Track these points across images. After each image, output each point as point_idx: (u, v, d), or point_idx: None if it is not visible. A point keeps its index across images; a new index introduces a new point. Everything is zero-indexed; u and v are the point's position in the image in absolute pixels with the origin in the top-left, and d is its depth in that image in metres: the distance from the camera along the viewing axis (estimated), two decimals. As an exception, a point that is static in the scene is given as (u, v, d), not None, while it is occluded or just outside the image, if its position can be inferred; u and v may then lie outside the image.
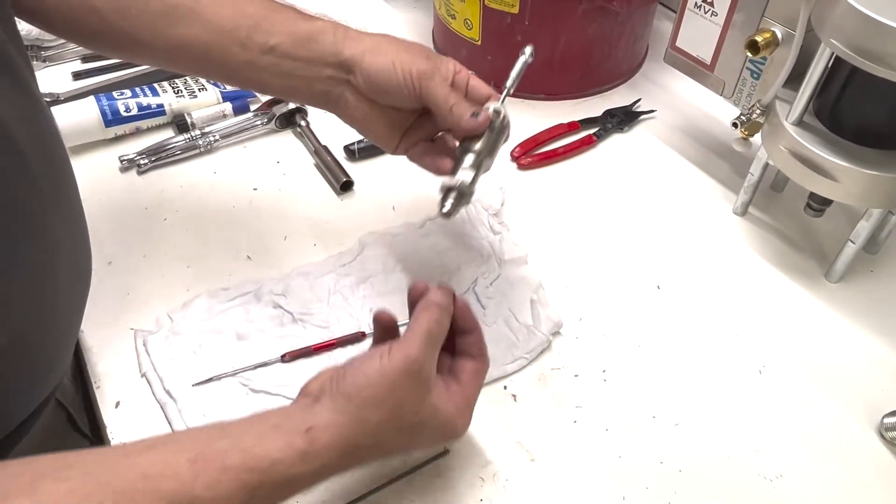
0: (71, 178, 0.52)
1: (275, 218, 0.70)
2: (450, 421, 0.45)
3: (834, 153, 0.57)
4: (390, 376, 0.41)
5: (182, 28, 0.52)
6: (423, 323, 0.44)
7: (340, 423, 0.40)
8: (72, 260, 0.50)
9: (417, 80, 0.51)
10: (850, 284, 0.65)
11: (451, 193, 0.52)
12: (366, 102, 0.54)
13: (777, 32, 0.61)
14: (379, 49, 0.52)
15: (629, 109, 0.82)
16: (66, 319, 0.51)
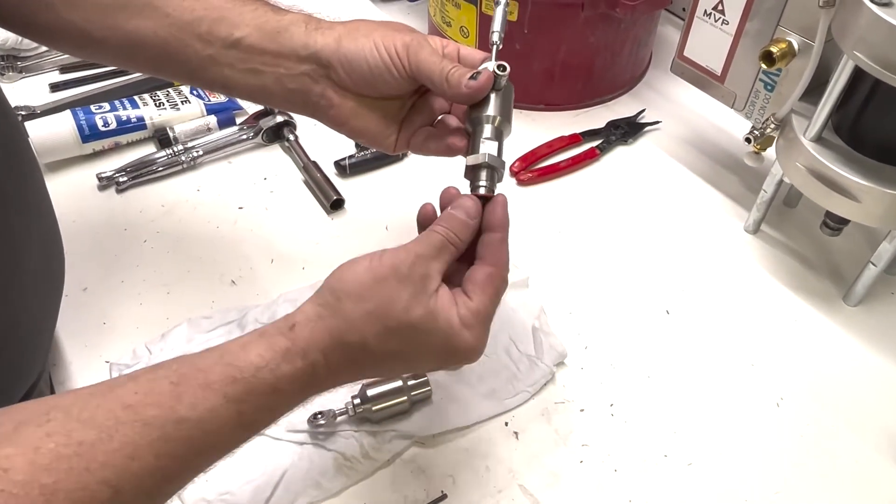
0: (38, 179, 0.50)
1: (261, 239, 0.67)
2: (452, 332, 0.40)
3: (855, 171, 0.54)
4: (378, 272, 0.39)
5: (137, 21, 0.48)
6: (431, 232, 0.41)
7: (322, 315, 0.39)
8: (40, 261, 0.48)
9: (404, 53, 0.46)
10: (869, 308, 0.62)
11: (482, 171, 0.45)
12: (351, 98, 0.49)
13: (794, 43, 0.57)
14: (355, 33, 0.47)
15: (633, 120, 0.79)
16: (35, 320, 0.49)
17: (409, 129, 0.51)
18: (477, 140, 0.46)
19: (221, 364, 0.36)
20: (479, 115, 0.46)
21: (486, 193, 0.44)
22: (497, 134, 0.46)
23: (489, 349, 0.57)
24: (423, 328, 0.39)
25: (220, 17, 0.48)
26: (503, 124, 0.46)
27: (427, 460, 0.51)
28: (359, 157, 0.73)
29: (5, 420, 0.32)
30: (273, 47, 0.48)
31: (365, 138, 0.51)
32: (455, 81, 0.45)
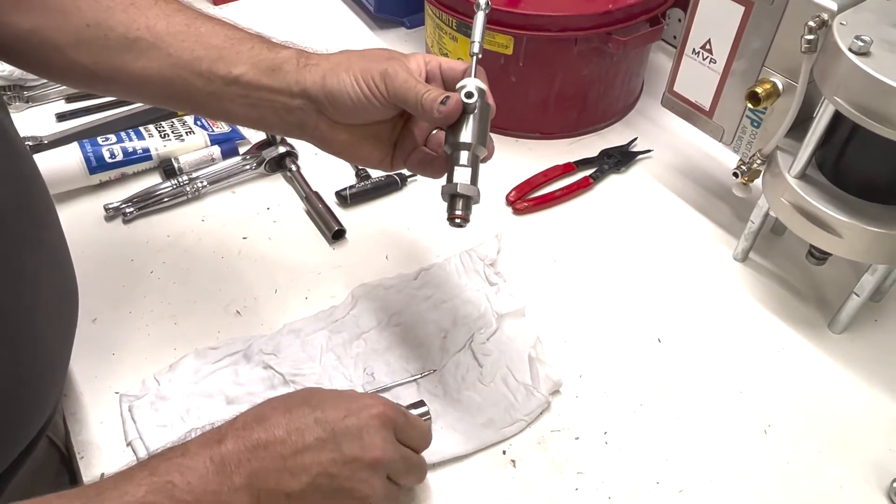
0: (52, 217, 0.51)
1: (265, 269, 0.68)
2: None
3: (837, 208, 0.56)
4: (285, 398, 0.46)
5: (143, 62, 0.50)
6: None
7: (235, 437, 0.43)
8: (55, 297, 0.49)
9: (381, 83, 0.48)
10: (854, 335, 0.64)
11: (458, 200, 0.46)
12: (342, 130, 0.51)
13: (778, 83, 0.59)
14: (337, 68, 0.49)
15: (626, 149, 0.81)
16: (50, 358, 0.50)
17: (404, 150, 0.54)
18: (452, 167, 0.47)
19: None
20: (455, 139, 0.47)
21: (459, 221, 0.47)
22: (472, 160, 0.47)
23: (487, 378, 0.59)
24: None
25: (219, 56, 0.50)
26: (478, 148, 0.47)
27: (427, 488, 0.53)
28: (359, 188, 0.75)
29: None
30: (269, 83, 0.50)
31: (361, 163, 0.55)
32: (428, 107, 0.46)
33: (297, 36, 0.57)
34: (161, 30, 0.50)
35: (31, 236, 0.47)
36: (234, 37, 0.51)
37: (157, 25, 0.50)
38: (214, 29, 0.51)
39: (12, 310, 0.44)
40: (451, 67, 0.50)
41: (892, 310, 0.66)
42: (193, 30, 0.51)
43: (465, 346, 0.61)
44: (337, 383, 0.59)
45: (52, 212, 0.51)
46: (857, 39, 0.48)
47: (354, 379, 0.59)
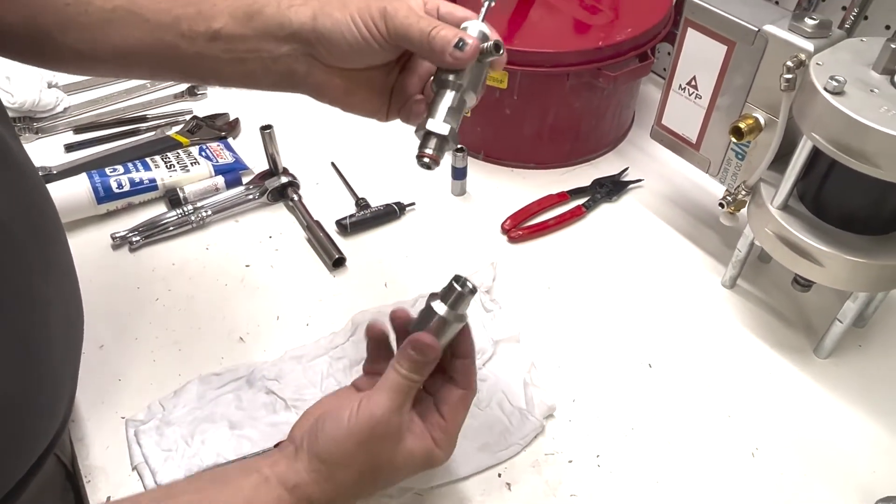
0: (62, 242, 0.53)
1: (267, 296, 0.70)
2: (428, 456, 0.47)
3: (818, 239, 0.58)
4: (356, 436, 0.45)
5: (125, 32, 0.49)
6: (392, 376, 0.46)
7: (316, 480, 0.45)
8: (64, 323, 0.51)
9: (381, 22, 0.45)
10: (839, 360, 0.66)
11: (431, 139, 0.44)
12: (338, 74, 0.49)
13: (760, 119, 0.62)
14: (328, 8, 0.46)
15: (617, 179, 0.84)
16: (59, 380, 0.51)
17: (400, 98, 0.52)
18: (436, 105, 0.45)
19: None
20: (446, 78, 0.45)
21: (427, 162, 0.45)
22: (458, 102, 0.45)
23: (483, 403, 0.61)
24: (404, 465, 0.47)
25: (197, 12, 0.48)
26: (467, 93, 0.45)
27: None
28: (359, 217, 0.77)
29: None
30: (250, 33, 0.48)
31: (356, 111, 0.52)
32: (439, 46, 0.44)
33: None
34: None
35: (43, 265, 0.48)
36: None
37: None
38: None
39: (27, 331, 0.45)
40: (449, 12, 0.47)
41: (875, 336, 0.68)
42: None
43: (462, 372, 0.63)
44: (337, 408, 0.60)
45: (63, 237, 0.53)
46: (831, 79, 0.51)
47: (354, 404, 0.61)
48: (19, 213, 0.45)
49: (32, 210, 0.48)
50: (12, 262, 0.44)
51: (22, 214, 0.45)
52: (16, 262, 0.44)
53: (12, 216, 0.44)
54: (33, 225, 0.47)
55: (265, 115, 0.84)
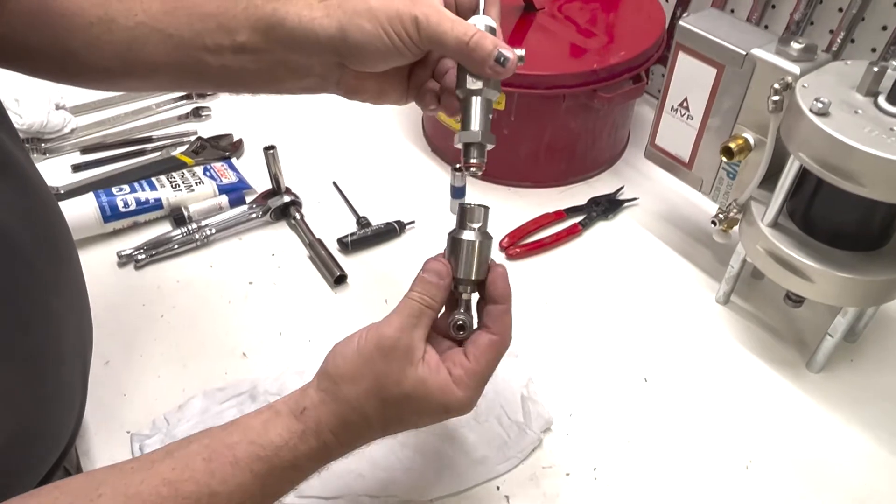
0: (75, 261, 0.54)
1: (270, 313, 0.72)
2: (444, 393, 0.45)
3: (808, 255, 0.60)
4: (365, 354, 0.44)
5: (149, 49, 0.50)
6: (404, 300, 0.46)
7: (325, 400, 0.44)
8: (76, 338, 0.53)
9: (414, 29, 0.45)
10: (831, 375, 0.67)
11: (473, 148, 0.47)
12: (368, 77, 0.50)
13: (750, 139, 0.64)
14: (357, 18, 0.45)
15: (613, 197, 0.85)
16: (70, 393, 0.53)
17: (416, 82, 0.52)
18: (468, 115, 0.47)
19: (246, 442, 0.42)
20: (474, 87, 0.46)
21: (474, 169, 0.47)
22: (486, 105, 0.47)
23: (482, 417, 0.62)
24: (416, 395, 0.44)
25: (217, 25, 0.49)
26: (490, 92, 0.47)
27: (425, 524, 0.56)
28: (360, 235, 0.79)
29: (61, 496, 0.38)
30: (274, 45, 0.48)
31: (384, 103, 0.53)
32: (479, 57, 0.44)
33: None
34: (157, 10, 0.50)
35: (56, 281, 0.50)
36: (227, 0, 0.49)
37: (152, 7, 0.50)
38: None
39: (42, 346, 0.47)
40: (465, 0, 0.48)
41: (867, 351, 0.69)
42: (187, 4, 0.50)
43: (461, 386, 0.64)
44: (338, 422, 0.61)
45: (75, 255, 0.55)
46: (816, 101, 0.53)
47: (355, 418, 0.62)
48: (34, 233, 0.47)
49: (46, 229, 0.50)
50: (27, 278, 0.45)
51: (37, 234, 0.47)
52: (30, 279, 0.46)
53: (27, 236, 0.45)
54: (47, 243, 0.49)
55: (268, 136, 0.86)
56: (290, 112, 0.98)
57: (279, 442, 0.42)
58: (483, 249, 0.48)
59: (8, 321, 0.43)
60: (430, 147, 0.94)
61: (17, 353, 0.44)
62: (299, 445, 0.42)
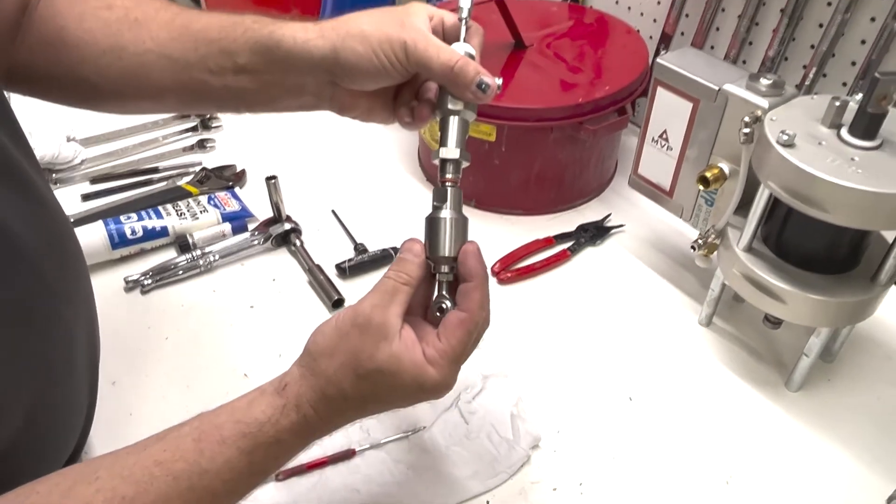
0: (85, 276, 0.57)
1: (270, 335, 0.75)
2: (417, 370, 0.45)
3: (781, 278, 0.63)
4: (342, 330, 0.46)
5: (157, 73, 0.54)
6: (384, 279, 0.47)
7: (304, 374, 0.46)
8: (86, 348, 0.55)
9: (403, 53, 0.48)
10: (809, 394, 0.70)
11: (449, 164, 0.49)
12: (359, 95, 0.53)
13: (724, 168, 0.68)
14: (349, 41, 0.49)
15: (600, 224, 0.89)
16: (81, 399, 0.55)
17: (401, 103, 0.55)
18: (447, 134, 0.50)
19: (233, 421, 0.44)
20: (453, 108, 0.50)
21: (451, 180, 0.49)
22: (463, 126, 0.50)
23: (473, 434, 0.65)
24: (389, 370, 0.44)
25: (220, 49, 0.52)
26: (469, 115, 0.51)
27: (417, 536, 0.58)
28: (357, 261, 0.82)
29: (62, 480, 0.41)
30: (272, 66, 0.51)
31: (373, 121, 0.56)
32: (462, 82, 0.48)
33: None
34: (164, 38, 0.53)
35: (67, 289, 0.53)
36: (228, 24, 0.53)
37: (160, 35, 0.53)
38: (210, 23, 0.54)
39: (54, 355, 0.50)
40: (454, 24, 0.52)
41: (843, 370, 0.72)
42: (192, 30, 0.53)
43: (453, 405, 0.67)
44: (336, 440, 0.64)
45: (85, 270, 0.58)
46: (782, 133, 0.57)
47: (352, 435, 0.64)
48: (48, 246, 0.50)
49: (59, 244, 0.53)
50: (39, 286, 0.48)
51: (50, 247, 0.50)
52: (42, 287, 0.49)
53: (42, 249, 0.48)
54: (59, 257, 0.52)
55: (270, 167, 0.90)
56: (292, 143, 1.02)
57: (262, 418, 0.44)
58: (453, 226, 0.49)
59: (21, 325, 0.46)
60: (426, 177, 0.98)
61: (29, 357, 0.47)
62: (281, 420, 0.44)
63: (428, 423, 0.65)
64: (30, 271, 0.47)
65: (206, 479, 0.42)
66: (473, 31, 0.52)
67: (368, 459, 0.63)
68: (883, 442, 0.65)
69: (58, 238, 0.53)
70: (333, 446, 0.63)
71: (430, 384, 0.45)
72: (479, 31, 0.53)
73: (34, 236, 0.48)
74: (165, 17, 0.55)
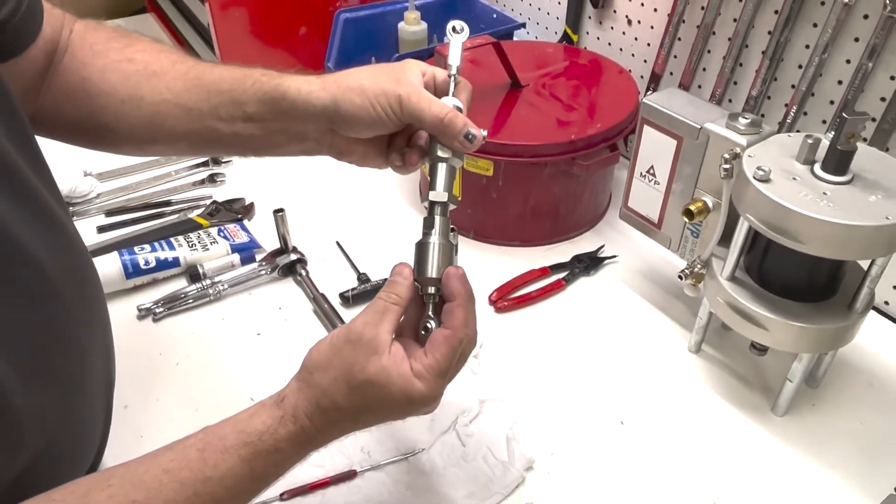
0: (102, 302, 0.61)
1: (276, 362, 0.78)
2: (405, 384, 0.47)
3: (763, 306, 0.66)
4: (336, 345, 0.49)
5: (172, 121, 0.58)
6: (375, 300, 0.50)
7: (301, 387, 0.49)
8: (102, 371, 0.59)
9: (398, 106, 0.53)
10: (795, 418, 0.72)
11: (437, 206, 0.53)
12: (355, 142, 0.58)
13: (708, 202, 0.71)
14: (349, 93, 0.54)
15: (594, 255, 0.92)
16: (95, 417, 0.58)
17: (396, 148, 0.59)
18: (435, 177, 0.54)
19: (235, 432, 0.48)
20: (443, 155, 0.54)
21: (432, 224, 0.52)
22: (451, 172, 0.54)
23: (469, 456, 0.67)
24: (379, 382, 0.47)
25: (230, 100, 0.57)
26: (457, 162, 0.55)
27: (415, 554, 0.60)
28: (360, 290, 0.85)
29: (76, 488, 0.44)
30: (278, 115, 0.56)
31: (368, 165, 0.61)
32: (451, 133, 0.52)
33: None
34: (180, 89, 0.58)
35: (85, 314, 0.56)
36: (238, 76, 0.58)
37: (175, 86, 0.58)
38: (222, 75, 0.58)
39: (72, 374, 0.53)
40: (443, 80, 0.56)
41: (827, 396, 0.75)
42: (206, 82, 0.58)
43: (451, 428, 0.70)
44: (337, 461, 0.67)
45: (102, 296, 0.61)
46: (759, 169, 0.61)
47: (353, 457, 0.67)
48: (69, 275, 0.53)
49: (79, 273, 0.56)
50: (61, 312, 0.52)
51: (70, 276, 0.54)
52: (64, 313, 0.52)
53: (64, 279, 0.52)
54: (79, 285, 0.55)
55: (278, 200, 0.94)
56: (298, 178, 1.07)
57: (262, 428, 0.48)
58: (438, 250, 0.52)
59: (44, 349, 0.49)
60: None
61: (52, 380, 0.50)
62: (279, 430, 0.48)
63: (426, 446, 0.68)
64: (52, 298, 0.51)
65: (210, 485, 0.45)
66: (462, 86, 0.56)
67: (369, 480, 0.66)
68: (866, 465, 0.68)
69: (78, 267, 0.57)
70: (335, 467, 0.66)
71: (418, 396, 0.48)
72: (468, 87, 0.57)
73: (57, 265, 0.51)
74: (181, 69, 0.59)
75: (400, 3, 1.20)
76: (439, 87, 0.57)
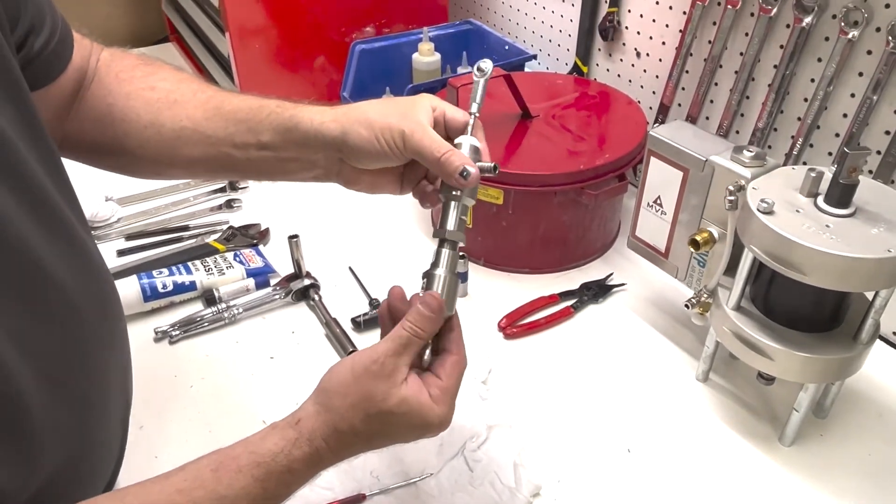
0: (122, 321, 0.63)
1: (289, 384, 0.79)
2: (423, 411, 0.50)
3: (769, 336, 0.67)
4: (356, 373, 0.50)
5: (190, 147, 0.61)
6: (398, 329, 0.51)
7: (319, 411, 0.50)
8: (120, 390, 0.60)
9: (401, 141, 0.55)
10: (802, 448, 0.73)
11: (446, 243, 0.56)
12: (363, 171, 0.60)
13: (714, 232, 0.73)
14: (356, 126, 0.56)
15: (603, 283, 0.93)
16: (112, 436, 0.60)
17: (410, 178, 0.62)
18: (446, 215, 0.56)
19: (247, 452, 0.49)
20: (449, 193, 0.56)
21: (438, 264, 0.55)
22: (462, 209, 0.56)
23: (477, 481, 0.68)
24: (398, 412, 0.50)
25: (247, 129, 0.60)
26: (466, 199, 0.56)
27: (423, 579, 0.61)
28: (371, 315, 0.87)
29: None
30: (290, 144, 0.59)
31: (379, 192, 0.63)
32: (448, 171, 0.54)
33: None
34: (199, 118, 0.61)
35: (106, 334, 0.58)
36: (255, 107, 0.60)
37: (195, 115, 0.61)
38: (240, 105, 0.61)
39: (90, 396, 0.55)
40: (453, 117, 0.58)
41: (835, 426, 0.75)
42: (223, 111, 0.61)
43: (459, 454, 0.71)
44: (346, 485, 0.68)
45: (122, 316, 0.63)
46: (762, 201, 0.62)
47: (362, 481, 0.68)
48: (91, 297, 0.55)
49: (101, 295, 0.58)
50: (85, 335, 0.54)
51: (92, 298, 0.56)
52: (87, 334, 0.54)
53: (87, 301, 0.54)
54: (101, 306, 0.57)
55: (292, 226, 0.96)
56: (313, 204, 1.09)
57: (276, 449, 0.49)
58: (444, 284, 0.55)
59: (66, 367, 0.51)
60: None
61: (71, 397, 0.52)
62: (293, 451, 0.49)
63: (435, 470, 0.69)
64: (75, 318, 0.53)
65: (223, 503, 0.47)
66: (476, 126, 0.59)
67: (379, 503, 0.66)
68: (873, 496, 0.68)
69: (100, 288, 0.59)
70: (344, 490, 0.67)
71: (437, 420, 0.51)
72: (479, 126, 0.59)
73: (80, 286, 0.53)
74: (201, 98, 0.62)
75: (414, 34, 1.24)
76: (449, 124, 0.58)
